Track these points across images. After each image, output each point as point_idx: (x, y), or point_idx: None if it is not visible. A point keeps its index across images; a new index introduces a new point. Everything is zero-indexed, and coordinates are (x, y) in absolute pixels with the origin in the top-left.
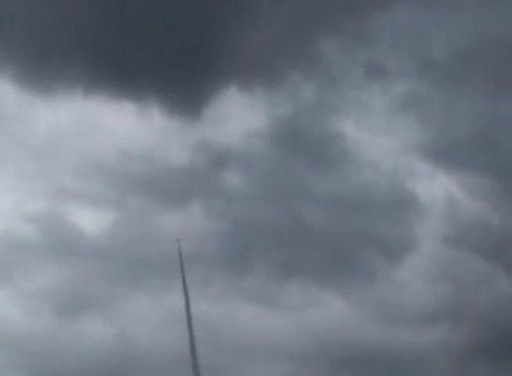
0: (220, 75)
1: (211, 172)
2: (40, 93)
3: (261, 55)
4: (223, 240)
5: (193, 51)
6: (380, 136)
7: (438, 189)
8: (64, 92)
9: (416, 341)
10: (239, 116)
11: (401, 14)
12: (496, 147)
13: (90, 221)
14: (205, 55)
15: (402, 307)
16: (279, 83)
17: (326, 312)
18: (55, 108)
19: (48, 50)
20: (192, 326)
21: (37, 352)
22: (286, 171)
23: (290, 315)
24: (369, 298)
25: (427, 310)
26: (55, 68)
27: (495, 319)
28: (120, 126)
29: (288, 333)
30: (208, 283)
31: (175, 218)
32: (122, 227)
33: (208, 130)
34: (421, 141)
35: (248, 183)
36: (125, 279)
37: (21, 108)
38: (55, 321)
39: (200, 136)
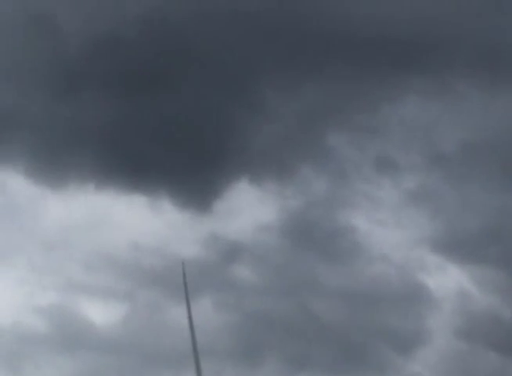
0: (231, 169)
1: (222, 265)
2: (51, 186)
3: (272, 149)
4: (234, 334)
5: (204, 145)
6: (391, 229)
7: (449, 282)
8: (76, 185)
9: None
10: (250, 209)
11: (410, 108)
12: (507, 240)
13: (101, 314)
14: (216, 148)
15: None
16: (290, 176)
17: None
18: (67, 201)
19: (60, 143)
20: None
21: None
22: (297, 264)
23: None
24: None
25: None
26: (66, 162)
27: None
28: (132, 219)
29: None
30: None
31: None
32: (133, 320)
33: (219, 223)
34: (432, 234)
35: (259, 276)
36: (137, 372)
37: (33, 201)
38: None
39: (211, 229)
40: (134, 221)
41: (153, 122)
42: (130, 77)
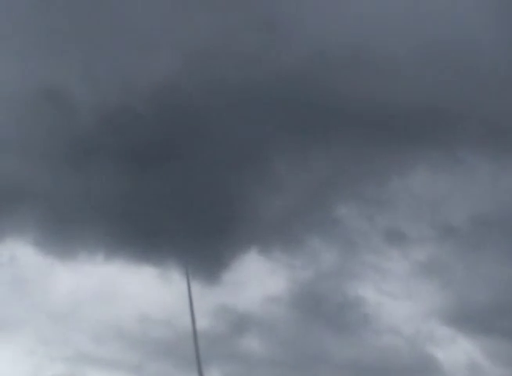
0: (240, 240)
1: (231, 337)
2: (61, 257)
3: (281, 219)
4: None
5: (213, 216)
6: (401, 301)
7: (459, 354)
8: (85, 255)
9: None
10: (259, 280)
11: (419, 180)
12: None
13: None
14: (225, 220)
15: None
16: (299, 247)
17: None
18: (76, 272)
19: (70, 214)
20: None
21: None
22: (306, 335)
23: None
24: None
25: None
26: (76, 232)
27: None
28: (141, 290)
29: None
30: None
31: None
32: None
33: (228, 294)
34: (442, 306)
35: (268, 348)
36: None
37: (41, 272)
38: None
39: (220, 301)
40: (143, 292)
41: (162, 194)
42: (140, 149)
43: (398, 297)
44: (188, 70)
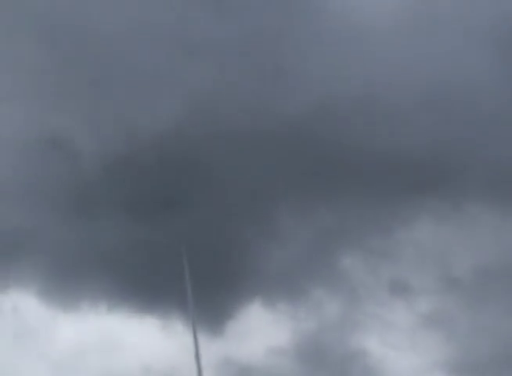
0: (243, 291)
1: None
2: (64, 307)
3: (285, 271)
4: None
5: (217, 267)
6: (405, 353)
7: None
8: (88, 306)
9: None
10: (262, 331)
11: (423, 231)
12: None
13: None
14: (228, 271)
15: None
16: (303, 299)
17: None
18: (79, 322)
19: (73, 265)
20: None
21: None
22: None
23: None
24: None
25: None
26: (79, 283)
27: None
28: (144, 341)
29: None
30: None
31: None
32: None
33: (232, 346)
34: (446, 358)
35: None
36: None
37: (44, 323)
38: None
39: (224, 352)
40: (146, 343)
41: (165, 245)
42: (143, 199)
43: (402, 348)
44: (192, 119)
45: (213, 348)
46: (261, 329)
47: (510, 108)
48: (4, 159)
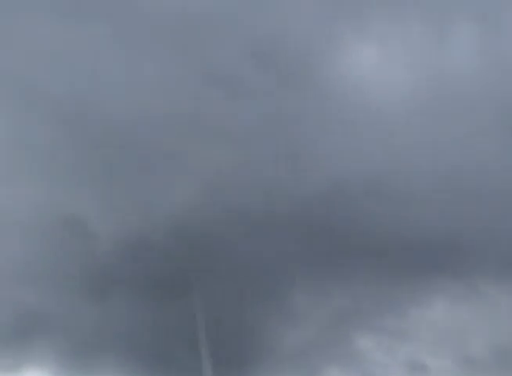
0: (258, 371)
1: None
2: None
3: (300, 351)
4: None
5: (231, 348)
6: None
7: None
8: None
9: None
10: None
11: (439, 311)
12: None
13: None
14: (243, 351)
15: None
16: None
17: None
18: None
19: (86, 345)
20: None
21: None
22: None
23: None
24: None
25: None
26: (92, 363)
27: None
28: None
29: None
30: None
31: None
32: None
33: None
34: None
35: None
36: None
37: None
38: None
39: None
40: None
41: (180, 326)
42: (157, 279)
43: None
44: (207, 201)
45: None
46: None
47: None
48: (19, 242)
